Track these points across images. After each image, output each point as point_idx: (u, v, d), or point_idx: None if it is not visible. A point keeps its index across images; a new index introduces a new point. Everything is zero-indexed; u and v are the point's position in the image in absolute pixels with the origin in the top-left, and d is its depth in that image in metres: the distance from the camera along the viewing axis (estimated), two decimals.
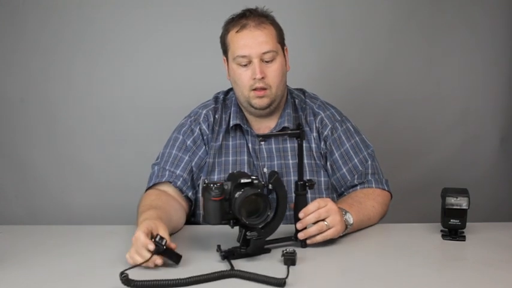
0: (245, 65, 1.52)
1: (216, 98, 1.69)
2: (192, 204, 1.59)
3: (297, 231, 1.31)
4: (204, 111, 1.64)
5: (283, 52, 1.58)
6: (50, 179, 2.45)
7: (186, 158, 1.58)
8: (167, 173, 1.56)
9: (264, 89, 1.52)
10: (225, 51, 1.59)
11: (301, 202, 1.31)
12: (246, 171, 1.58)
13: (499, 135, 2.49)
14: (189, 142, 1.60)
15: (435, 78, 2.45)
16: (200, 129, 1.61)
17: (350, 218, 1.36)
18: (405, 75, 2.44)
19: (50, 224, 2.05)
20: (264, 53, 1.51)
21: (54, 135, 2.44)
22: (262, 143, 1.60)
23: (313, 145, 1.61)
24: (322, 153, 1.61)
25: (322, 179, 1.61)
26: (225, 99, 1.67)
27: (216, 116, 1.63)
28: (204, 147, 1.60)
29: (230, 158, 1.60)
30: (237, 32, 1.53)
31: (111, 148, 2.42)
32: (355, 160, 1.59)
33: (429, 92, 2.44)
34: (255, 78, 1.50)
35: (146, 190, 1.56)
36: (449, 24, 2.42)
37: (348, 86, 2.41)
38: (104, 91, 2.42)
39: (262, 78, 1.50)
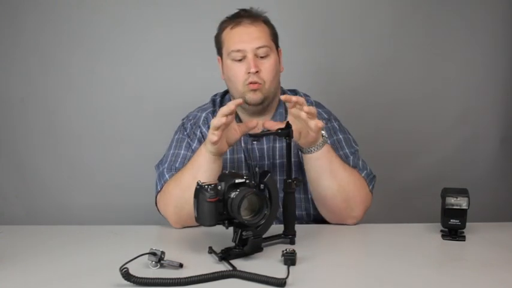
0: (239, 60, 1.53)
1: (213, 101, 1.70)
2: None
3: (286, 228, 1.31)
4: (204, 114, 1.65)
5: (277, 52, 1.60)
6: (50, 179, 2.44)
7: None
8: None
9: (258, 83, 1.52)
10: (220, 49, 1.60)
11: (289, 200, 1.31)
12: (243, 169, 1.60)
13: (499, 135, 2.48)
14: (194, 144, 1.60)
15: (435, 78, 2.44)
16: (201, 132, 1.62)
17: (326, 139, 1.42)
18: (405, 75, 2.44)
19: (50, 224, 2.04)
20: (258, 48, 1.52)
21: (54, 135, 2.43)
22: (255, 142, 1.61)
23: None
24: None
25: None
26: (222, 101, 1.68)
27: None
28: None
29: (228, 156, 1.60)
30: (231, 28, 1.55)
31: (111, 148, 2.42)
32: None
33: (429, 92, 2.44)
34: (249, 73, 1.51)
35: (159, 191, 1.54)
36: (449, 24, 2.42)
37: (347, 86, 2.41)
38: (104, 91, 2.42)
39: (257, 72, 1.51)
